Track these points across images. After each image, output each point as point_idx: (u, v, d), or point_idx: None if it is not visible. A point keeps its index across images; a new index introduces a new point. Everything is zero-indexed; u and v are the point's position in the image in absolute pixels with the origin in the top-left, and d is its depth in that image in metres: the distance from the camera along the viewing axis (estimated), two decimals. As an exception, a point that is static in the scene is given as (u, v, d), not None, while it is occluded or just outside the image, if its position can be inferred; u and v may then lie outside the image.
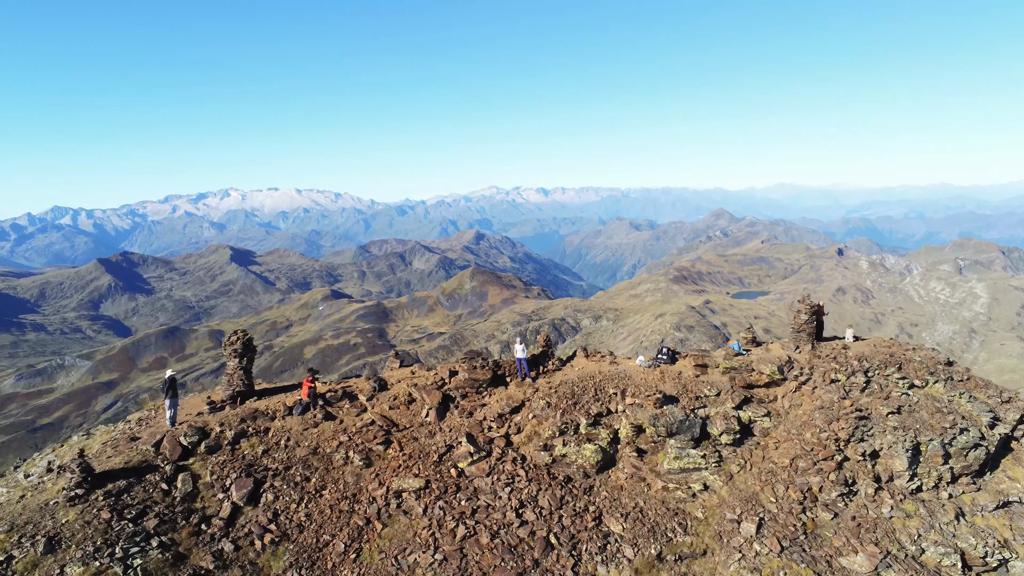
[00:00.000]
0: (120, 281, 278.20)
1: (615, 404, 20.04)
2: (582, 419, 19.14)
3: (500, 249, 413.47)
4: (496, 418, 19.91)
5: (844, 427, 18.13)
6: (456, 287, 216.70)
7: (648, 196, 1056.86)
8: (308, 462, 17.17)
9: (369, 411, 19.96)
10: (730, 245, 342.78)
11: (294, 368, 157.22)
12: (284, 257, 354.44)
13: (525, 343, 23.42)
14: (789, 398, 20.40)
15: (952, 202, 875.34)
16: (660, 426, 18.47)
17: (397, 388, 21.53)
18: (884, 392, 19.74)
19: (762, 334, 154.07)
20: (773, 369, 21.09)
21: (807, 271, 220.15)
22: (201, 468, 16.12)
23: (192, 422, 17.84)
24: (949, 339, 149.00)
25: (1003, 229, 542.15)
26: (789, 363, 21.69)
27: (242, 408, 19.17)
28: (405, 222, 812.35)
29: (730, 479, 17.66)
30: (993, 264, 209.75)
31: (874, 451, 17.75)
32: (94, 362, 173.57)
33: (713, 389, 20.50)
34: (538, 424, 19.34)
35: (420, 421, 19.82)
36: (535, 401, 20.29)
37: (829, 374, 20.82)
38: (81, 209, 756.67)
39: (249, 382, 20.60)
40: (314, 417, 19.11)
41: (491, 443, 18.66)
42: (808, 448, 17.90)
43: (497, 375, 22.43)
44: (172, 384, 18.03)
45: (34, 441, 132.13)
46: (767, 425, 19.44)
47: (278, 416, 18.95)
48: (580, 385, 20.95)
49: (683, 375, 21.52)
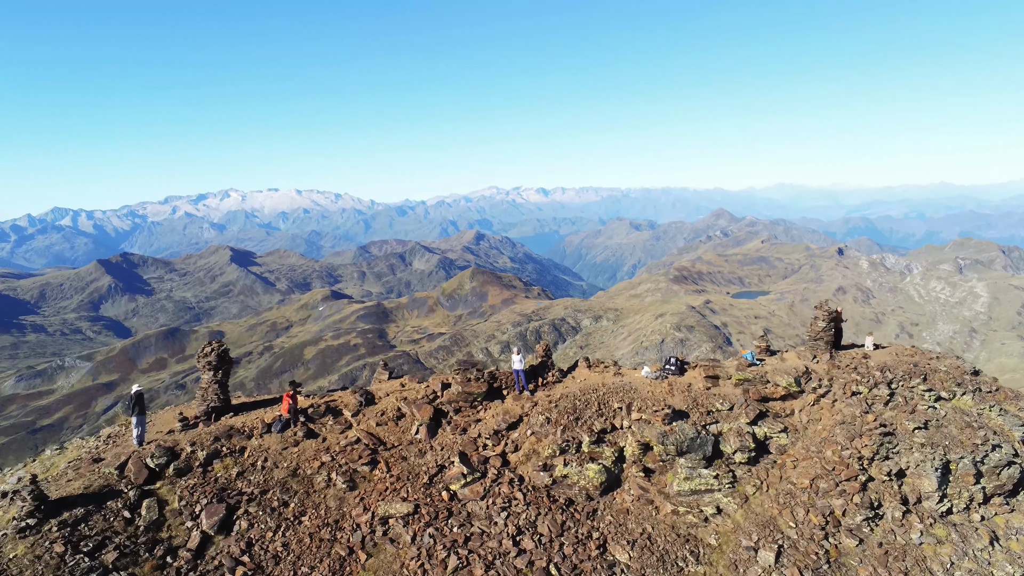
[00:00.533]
0: (120, 282, 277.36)
1: (620, 420, 18.67)
2: (584, 436, 17.77)
3: (500, 249, 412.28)
4: (492, 435, 18.52)
5: (868, 444, 16.85)
6: (456, 287, 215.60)
7: (648, 196, 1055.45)
8: (287, 485, 15.79)
9: (354, 428, 18.52)
10: (730, 245, 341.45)
11: (294, 369, 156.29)
12: (284, 258, 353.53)
13: (523, 353, 21.69)
14: (807, 412, 19.06)
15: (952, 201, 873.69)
16: (669, 444, 17.13)
17: (385, 402, 20.04)
18: (909, 405, 18.35)
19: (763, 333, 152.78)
20: (789, 381, 19.73)
21: (807, 271, 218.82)
22: (169, 493, 14.74)
23: (161, 441, 16.50)
24: (950, 338, 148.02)
25: (1003, 228, 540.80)
26: (806, 374, 20.35)
27: (217, 425, 17.77)
28: (405, 222, 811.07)
29: (745, 502, 16.33)
30: (993, 263, 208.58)
31: (900, 470, 16.47)
32: (94, 363, 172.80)
33: (725, 403, 19.16)
34: (537, 442, 18.00)
35: (409, 438, 18.39)
36: (534, 416, 18.91)
37: (850, 386, 19.44)
38: (81, 210, 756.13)
39: (225, 397, 19.12)
40: (295, 435, 17.69)
41: (486, 463, 17.32)
42: (829, 467, 16.59)
43: (493, 387, 20.92)
44: (139, 400, 16.58)
45: (34, 442, 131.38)
46: (784, 442, 18.10)
47: (256, 434, 17.51)
48: (582, 399, 19.59)
49: (693, 387, 20.20)
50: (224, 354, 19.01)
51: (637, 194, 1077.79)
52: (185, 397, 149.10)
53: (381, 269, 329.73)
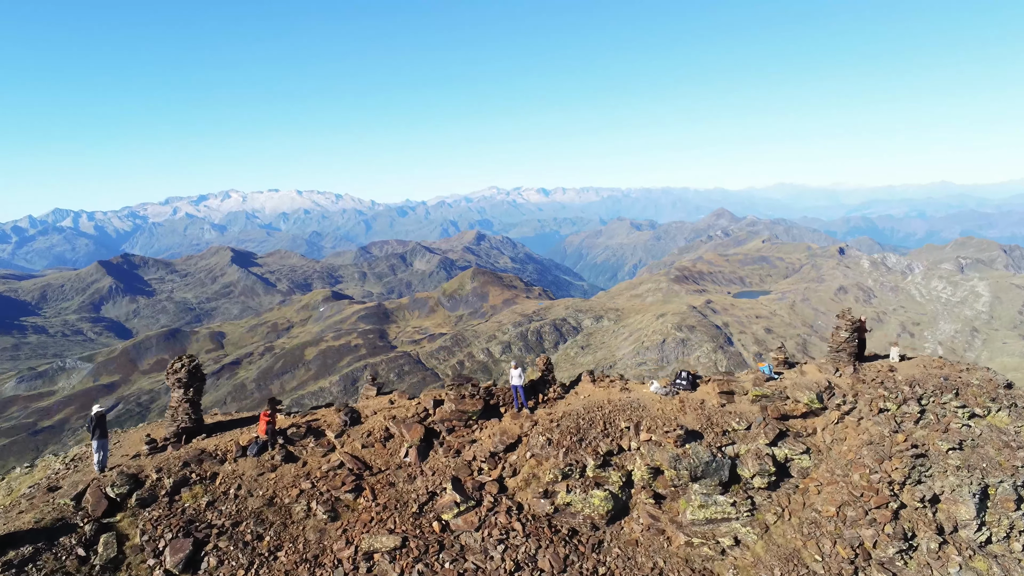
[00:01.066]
0: (121, 283, 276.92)
1: (628, 440, 17.25)
2: (589, 459, 16.38)
3: (501, 249, 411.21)
4: (488, 458, 17.10)
5: (898, 467, 15.62)
6: (457, 288, 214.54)
7: (649, 196, 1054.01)
8: (262, 515, 14.43)
9: (338, 450, 17.11)
10: (731, 245, 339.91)
11: (295, 370, 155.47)
12: (285, 258, 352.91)
13: (522, 368, 20.01)
14: (831, 431, 17.69)
15: (953, 201, 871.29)
16: (682, 469, 15.84)
17: (372, 421, 18.54)
18: (942, 424, 17.03)
19: (763, 333, 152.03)
20: (811, 397, 18.36)
21: (808, 270, 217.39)
22: (130, 526, 13.35)
23: (124, 467, 15.10)
24: (951, 338, 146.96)
25: (1004, 227, 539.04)
26: (829, 389, 18.94)
27: (187, 448, 16.40)
28: (406, 223, 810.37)
29: (765, 531, 15.01)
30: (995, 262, 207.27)
31: (934, 496, 15.16)
32: (95, 364, 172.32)
33: (742, 422, 17.78)
34: (537, 465, 16.65)
35: (398, 462, 16.94)
36: (534, 437, 17.49)
37: (877, 402, 18.05)
38: (82, 211, 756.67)
39: (197, 416, 17.69)
40: (272, 459, 16.30)
41: (481, 489, 15.96)
42: (857, 493, 15.31)
43: (489, 404, 19.45)
44: (100, 422, 15.15)
45: (35, 444, 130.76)
46: (806, 464, 16.77)
47: (229, 458, 16.14)
48: (586, 417, 18.12)
49: (706, 404, 18.74)
50: (195, 370, 17.60)
51: (638, 194, 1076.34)
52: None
53: (382, 270, 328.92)
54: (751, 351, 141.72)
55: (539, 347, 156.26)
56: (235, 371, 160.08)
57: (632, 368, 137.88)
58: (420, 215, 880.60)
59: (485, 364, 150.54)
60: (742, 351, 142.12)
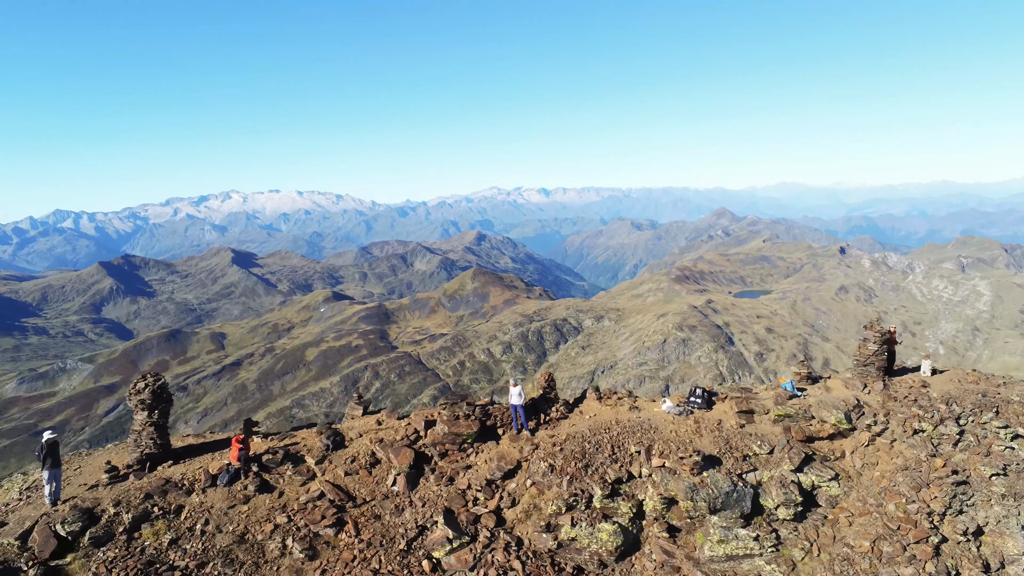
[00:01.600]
0: (122, 284, 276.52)
1: (638, 467, 15.83)
2: (596, 488, 14.97)
3: (501, 250, 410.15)
4: (484, 486, 15.62)
5: (938, 495, 14.25)
6: (457, 288, 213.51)
7: (649, 196, 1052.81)
8: (231, 555, 13.01)
9: (318, 479, 15.61)
10: (732, 244, 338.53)
11: (296, 370, 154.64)
12: (285, 259, 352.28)
13: (521, 387, 18.41)
14: (861, 454, 16.28)
15: (954, 200, 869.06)
16: (700, 500, 14.46)
17: (357, 445, 17.00)
18: (983, 446, 15.68)
19: (764, 333, 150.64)
20: (839, 417, 16.88)
21: (809, 270, 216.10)
22: (81, 569, 11.97)
23: (80, 500, 13.63)
24: (952, 337, 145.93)
25: (1005, 226, 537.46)
26: (858, 408, 17.51)
27: (151, 478, 14.97)
28: (406, 223, 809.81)
29: (792, 569, 13.65)
30: (996, 261, 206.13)
31: (978, 528, 13.78)
32: (96, 365, 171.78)
33: (764, 445, 16.31)
34: (538, 494, 15.18)
35: (385, 491, 15.47)
36: (535, 463, 15.99)
37: (911, 422, 16.65)
38: (83, 212, 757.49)
39: (163, 441, 16.11)
40: (244, 489, 14.84)
41: (477, 522, 14.49)
42: (894, 525, 13.88)
43: (486, 426, 17.89)
44: (52, 450, 13.72)
45: (36, 445, 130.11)
46: (835, 492, 15.37)
47: (197, 488, 14.72)
48: (592, 440, 16.57)
49: (724, 425, 17.27)
50: (160, 390, 16.12)
51: (638, 194, 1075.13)
52: (187, 400, 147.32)
53: (382, 270, 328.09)
54: (752, 351, 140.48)
55: (540, 347, 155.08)
56: (236, 372, 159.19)
57: (633, 368, 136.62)
58: (421, 215, 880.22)
59: (486, 364, 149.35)
60: (743, 351, 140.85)
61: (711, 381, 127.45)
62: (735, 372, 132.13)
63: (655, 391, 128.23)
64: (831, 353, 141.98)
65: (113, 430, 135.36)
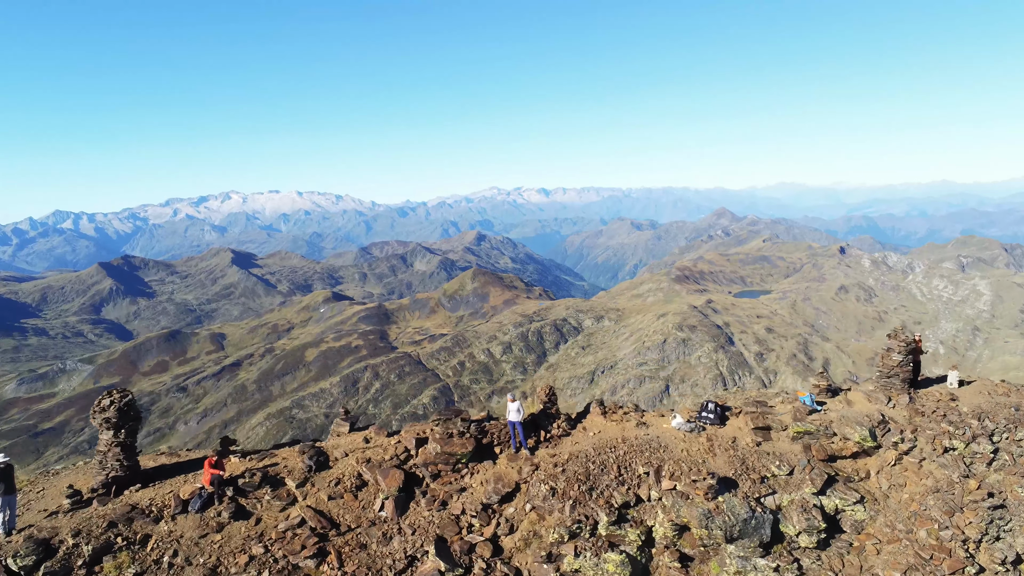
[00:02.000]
0: (121, 285, 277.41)
1: (647, 489, 14.80)
2: (602, 514, 13.93)
3: (501, 250, 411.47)
4: (480, 511, 14.47)
5: (973, 521, 13.28)
6: (457, 288, 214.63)
7: (649, 196, 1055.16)
8: (201, 590, 12.19)
9: (299, 504, 14.39)
10: (732, 244, 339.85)
11: (295, 371, 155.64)
12: (285, 259, 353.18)
13: (519, 401, 17.07)
14: (887, 475, 15.28)
15: (954, 199, 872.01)
16: (715, 528, 13.60)
17: (342, 466, 15.74)
18: (1019, 465, 14.73)
19: (764, 333, 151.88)
20: (863, 434, 15.85)
21: (809, 270, 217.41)
22: (33, 608, 11.14)
23: (35, 530, 12.42)
24: (952, 337, 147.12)
25: (1005, 226, 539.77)
26: (883, 424, 16.50)
27: (116, 504, 13.82)
28: (406, 223, 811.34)
29: (816, 605, 13.10)
30: (996, 261, 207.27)
31: (1017, 556, 12.95)
32: (96, 366, 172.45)
33: (783, 465, 15.29)
34: (539, 520, 14.09)
35: (372, 517, 14.20)
36: (534, 485, 14.91)
37: (940, 439, 15.67)
38: (82, 213, 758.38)
39: (131, 462, 14.82)
40: (218, 515, 13.67)
41: (471, 552, 13.44)
42: (926, 554, 12.88)
43: (482, 444, 16.64)
44: (6, 475, 12.78)
45: (36, 446, 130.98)
46: (861, 517, 14.41)
47: (166, 515, 13.49)
48: (597, 460, 15.52)
49: (739, 443, 16.26)
50: (127, 407, 14.76)
51: (638, 194, 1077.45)
52: (187, 400, 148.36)
53: (382, 270, 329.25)
54: (752, 351, 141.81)
55: (540, 347, 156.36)
56: (236, 373, 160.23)
57: (633, 368, 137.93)
58: (420, 216, 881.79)
59: (486, 365, 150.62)
60: (743, 351, 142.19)
61: (711, 381, 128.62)
62: (735, 372, 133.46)
63: (655, 391, 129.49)
64: (831, 353, 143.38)
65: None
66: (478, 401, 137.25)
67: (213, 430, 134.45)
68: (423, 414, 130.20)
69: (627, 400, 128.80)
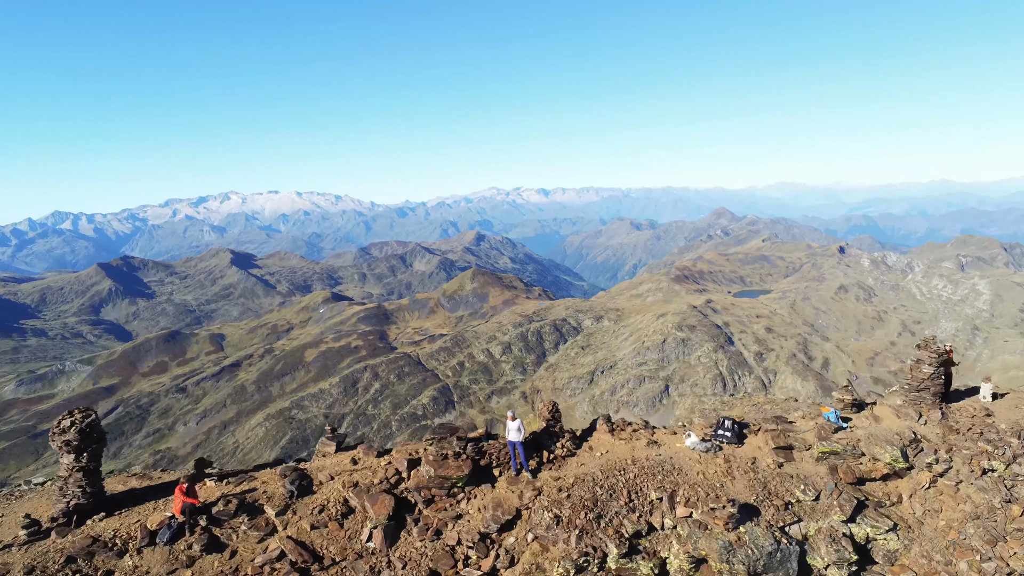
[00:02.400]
0: (121, 285, 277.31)
1: (660, 516, 13.74)
2: (611, 545, 12.84)
3: (501, 250, 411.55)
4: (477, 541, 13.40)
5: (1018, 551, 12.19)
6: (457, 288, 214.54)
7: (649, 196, 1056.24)
8: (167, 634, 11.31)
9: (278, 534, 13.28)
10: (731, 244, 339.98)
11: (295, 371, 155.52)
12: (285, 260, 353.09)
13: (520, 418, 15.86)
14: (921, 499, 14.12)
15: (953, 199, 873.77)
16: (737, 563, 12.53)
17: (327, 490, 14.50)
18: None
19: (764, 333, 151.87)
20: (894, 454, 14.74)
21: (809, 269, 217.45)
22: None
23: None
24: (952, 336, 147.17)
25: (1004, 225, 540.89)
26: (915, 442, 15.37)
27: (77, 535, 12.71)
28: (406, 224, 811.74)
29: (849, 647, 12.17)
30: (995, 261, 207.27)
31: None
32: (95, 367, 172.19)
33: (809, 490, 14.17)
34: (542, 551, 13.08)
35: (359, 548, 13.02)
36: (537, 512, 13.82)
37: (978, 460, 14.52)
38: (82, 214, 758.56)
39: (95, 489, 13.60)
40: (189, 548, 12.54)
41: None
42: None
43: (480, 466, 15.47)
44: None
45: (35, 447, 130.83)
46: (894, 546, 13.32)
47: (132, 547, 12.34)
48: (606, 484, 14.42)
49: (759, 465, 15.20)
50: (90, 429, 13.55)
51: (638, 194, 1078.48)
52: (186, 401, 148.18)
53: (382, 271, 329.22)
54: (752, 351, 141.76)
55: (539, 348, 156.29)
56: (235, 373, 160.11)
57: (633, 368, 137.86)
58: (420, 216, 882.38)
59: (485, 365, 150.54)
60: (743, 351, 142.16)
61: (711, 381, 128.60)
62: (735, 372, 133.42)
63: (655, 391, 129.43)
64: (831, 353, 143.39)
65: (112, 432, 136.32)
66: (478, 402, 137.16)
67: (212, 431, 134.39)
68: (423, 414, 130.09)
69: (627, 399, 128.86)
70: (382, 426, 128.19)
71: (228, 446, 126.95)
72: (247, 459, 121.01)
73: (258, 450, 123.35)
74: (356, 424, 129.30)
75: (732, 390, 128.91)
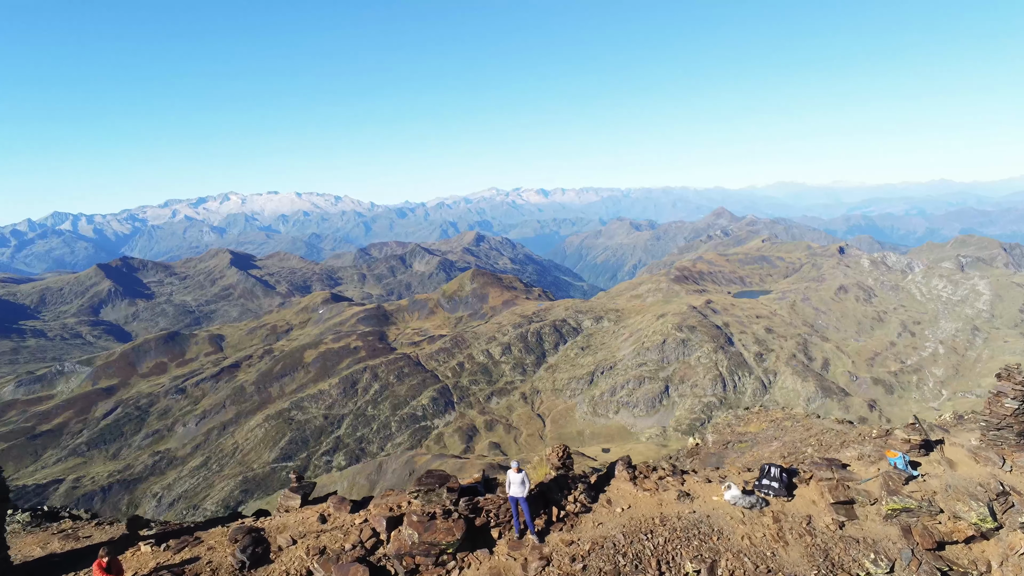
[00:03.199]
0: (120, 286, 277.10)
1: None
2: None
3: (500, 250, 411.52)
4: None
5: None
6: (456, 289, 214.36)
7: (648, 196, 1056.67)
8: None
9: None
10: (731, 244, 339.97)
11: (294, 372, 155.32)
12: (284, 261, 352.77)
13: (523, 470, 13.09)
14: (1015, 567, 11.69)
15: (953, 199, 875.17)
16: None
17: (287, 559, 11.64)
18: None
19: (764, 333, 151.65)
20: (982, 513, 12.08)
21: (808, 269, 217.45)
22: None
23: None
24: (952, 336, 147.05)
25: (1004, 225, 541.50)
26: (1002, 495, 12.65)
27: None
28: (405, 224, 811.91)
29: None
30: (995, 260, 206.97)
31: None
32: (94, 368, 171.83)
33: (881, 559, 11.62)
34: None
35: None
36: None
37: None
38: (81, 214, 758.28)
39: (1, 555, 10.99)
40: None
41: None
42: None
43: (474, 526, 12.62)
44: None
45: (34, 448, 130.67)
46: None
47: None
48: (629, 551, 11.70)
49: (816, 525, 12.56)
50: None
51: (637, 194, 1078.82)
52: (185, 402, 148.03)
53: (381, 271, 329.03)
54: (752, 351, 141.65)
55: (539, 348, 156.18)
56: (234, 374, 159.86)
57: (633, 369, 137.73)
58: (419, 216, 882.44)
59: (485, 366, 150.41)
60: (743, 351, 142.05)
61: (711, 382, 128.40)
62: (735, 372, 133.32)
63: (655, 392, 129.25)
64: (831, 353, 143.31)
65: (111, 433, 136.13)
66: (477, 403, 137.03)
67: (212, 432, 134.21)
68: (422, 415, 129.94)
69: (627, 400, 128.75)
70: (381, 427, 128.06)
71: (227, 447, 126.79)
72: (247, 459, 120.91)
73: (257, 451, 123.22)
74: (356, 425, 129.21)
75: (732, 391, 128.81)
